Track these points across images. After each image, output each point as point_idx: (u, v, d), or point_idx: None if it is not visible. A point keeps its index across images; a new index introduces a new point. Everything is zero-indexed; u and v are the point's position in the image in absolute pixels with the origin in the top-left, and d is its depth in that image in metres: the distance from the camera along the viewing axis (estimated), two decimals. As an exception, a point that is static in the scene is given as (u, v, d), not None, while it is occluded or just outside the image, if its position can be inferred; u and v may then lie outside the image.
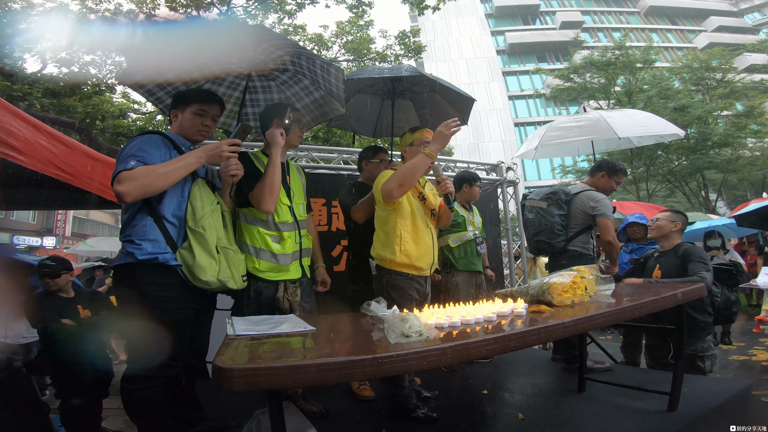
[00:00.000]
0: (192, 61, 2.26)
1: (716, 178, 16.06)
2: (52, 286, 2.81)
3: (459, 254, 3.21)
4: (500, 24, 34.35)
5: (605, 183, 3.04)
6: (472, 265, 3.23)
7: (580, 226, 2.97)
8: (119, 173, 1.53)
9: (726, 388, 2.37)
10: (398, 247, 2.11)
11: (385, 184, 2.05)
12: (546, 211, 2.99)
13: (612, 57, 15.10)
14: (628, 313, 1.48)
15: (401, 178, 2.01)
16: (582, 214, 2.95)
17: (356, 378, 0.88)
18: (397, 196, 2.03)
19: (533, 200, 3.13)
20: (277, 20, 9.11)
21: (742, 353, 4.72)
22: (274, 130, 1.96)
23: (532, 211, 3.08)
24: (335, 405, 2.30)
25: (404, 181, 2.02)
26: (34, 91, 6.96)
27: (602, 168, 3.06)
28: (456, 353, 1.00)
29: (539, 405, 2.34)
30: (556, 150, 4.62)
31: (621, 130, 3.72)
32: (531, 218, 3.09)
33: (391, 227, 2.14)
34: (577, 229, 2.97)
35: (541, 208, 3.01)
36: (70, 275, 2.94)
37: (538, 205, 3.06)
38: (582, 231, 2.97)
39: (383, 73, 2.72)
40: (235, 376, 0.86)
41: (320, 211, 3.63)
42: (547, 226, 2.97)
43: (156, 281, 1.62)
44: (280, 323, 1.39)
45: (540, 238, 3.01)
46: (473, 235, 3.26)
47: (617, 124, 3.75)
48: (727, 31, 30.22)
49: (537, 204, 3.07)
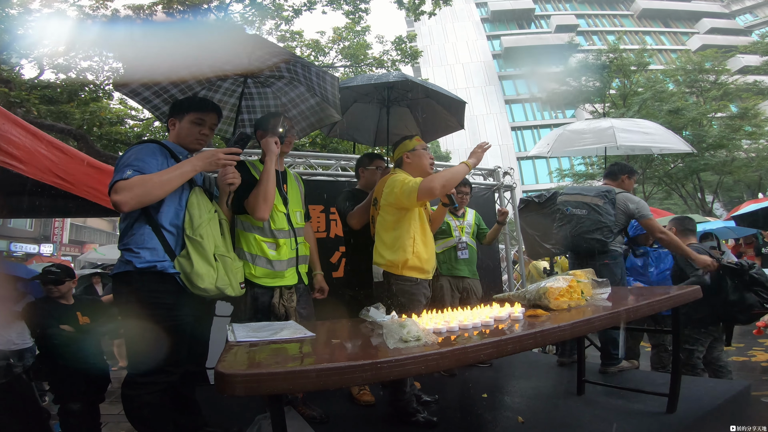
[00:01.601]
0: (187, 67, 2.28)
1: (712, 180, 16.16)
2: (55, 292, 2.84)
3: (442, 259, 3.24)
4: (496, 28, 34.59)
5: (628, 185, 3.16)
6: (455, 270, 3.26)
7: (620, 226, 3.00)
8: (116, 183, 1.54)
9: (725, 390, 2.39)
10: (411, 248, 2.13)
11: (428, 183, 2.05)
12: (602, 208, 2.93)
13: (606, 60, 15.24)
14: (623, 316, 1.50)
15: (447, 180, 2.06)
16: (622, 214, 2.99)
17: (355, 382, 0.89)
18: (438, 194, 2.09)
19: (581, 195, 3.05)
20: (274, 26, 9.15)
21: (742, 354, 4.73)
22: (268, 139, 1.98)
23: (582, 207, 3.00)
24: (335, 410, 2.30)
25: (449, 183, 2.07)
26: (32, 98, 6.95)
27: (624, 171, 3.16)
28: (454, 357, 1.01)
29: (539, 408, 2.35)
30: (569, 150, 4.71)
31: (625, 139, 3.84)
32: (581, 215, 3.00)
33: (404, 230, 2.16)
34: (618, 228, 2.99)
35: (597, 205, 2.95)
36: (72, 283, 2.98)
37: (593, 201, 2.98)
38: (620, 231, 3.03)
39: (371, 81, 2.75)
40: (237, 382, 0.87)
41: (319, 217, 3.64)
42: (605, 224, 2.90)
43: (154, 289, 1.63)
44: (280, 329, 1.40)
45: (595, 236, 2.91)
46: (456, 241, 3.29)
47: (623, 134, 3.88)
48: (719, 33, 30.49)
49: (591, 200, 2.99)
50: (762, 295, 2.74)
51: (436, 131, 3.52)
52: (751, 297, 2.75)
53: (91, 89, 8.31)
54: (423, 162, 2.29)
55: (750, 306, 2.76)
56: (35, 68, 8.17)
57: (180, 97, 2.36)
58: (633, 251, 3.64)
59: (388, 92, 3.15)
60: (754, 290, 2.75)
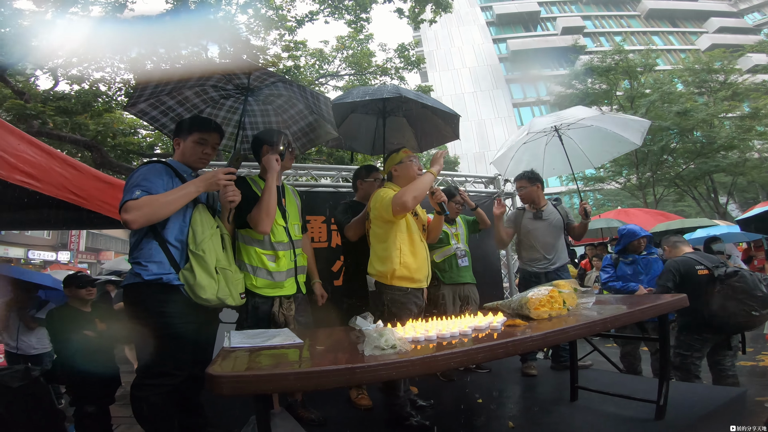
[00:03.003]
0: (191, 88, 2.43)
1: (726, 181, 15.90)
2: (85, 295, 3.08)
3: (443, 268, 3.27)
4: (502, 31, 34.56)
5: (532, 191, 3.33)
6: (458, 277, 3.28)
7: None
8: (126, 203, 1.68)
9: (719, 396, 2.40)
10: (398, 259, 2.21)
11: (399, 197, 2.13)
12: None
13: (612, 62, 15.15)
14: (599, 326, 1.56)
15: (416, 191, 2.13)
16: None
17: (331, 385, 0.98)
18: (411, 207, 2.16)
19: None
20: (278, 36, 9.35)
21: (750, 359, 4.68)
22: (269, 156, 2.10)
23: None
24: (334, 413, 2.40)
25: (418, 194, 2.14)
26: (48, 109, 7.14)
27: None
28: (424, 365, 1.10)
29: (531, 413, 2.40)
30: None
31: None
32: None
33: (391, 242, 2.25)
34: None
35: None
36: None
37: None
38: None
39: (365, 96, 2.82)
40: (224, 383, 0.99)
41: (320, 228, 3.75)
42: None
43: (161, 299, 1.76)
44: (273, 336, 1.51)
45: None
46: (455, 249, 3.31)
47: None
48: (728, 32, 30.02)
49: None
50: (748, 303, 2.68)
51: (433, 141, 3.59)
52: (732, 305, 2.72)
53: (104, 100, 8.57)
54: (410, 173, 2.36)
55: (732, 314, 2.72)
56: (50, 79, 8.45)
57: (186, 115, 2.49)
58: (622, 260, 3.69)
59: (384, 103, 3.23)
60: (738, 298, 2.71)
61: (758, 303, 2.68)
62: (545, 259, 3.20)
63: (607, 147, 3.71)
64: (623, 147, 3.71)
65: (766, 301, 2.69)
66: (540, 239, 3.22)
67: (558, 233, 3.25)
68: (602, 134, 3.61)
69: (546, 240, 3.22)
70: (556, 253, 3.22)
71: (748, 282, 2.71)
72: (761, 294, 2.69)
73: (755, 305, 2.67)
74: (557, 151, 3.64)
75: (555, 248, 3.22)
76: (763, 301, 2.68)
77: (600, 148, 3.73)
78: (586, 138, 3.64)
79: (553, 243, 3.22)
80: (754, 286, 2.70)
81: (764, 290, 2.70)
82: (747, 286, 2.70)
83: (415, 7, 8.20)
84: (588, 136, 3.62)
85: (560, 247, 3.24)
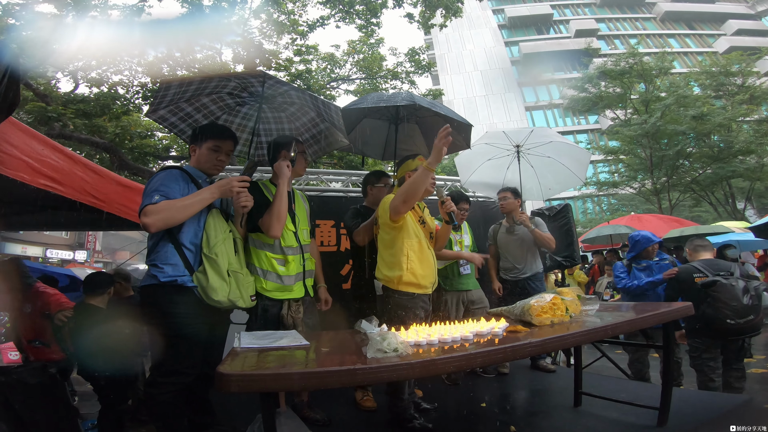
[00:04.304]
0: (208, 95, 2.53)
1: (744, 186, 15.54)
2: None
3: (445, 275, 3.30)
4: (514, 35, 34.36)
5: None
6: (459, 285, 3.30)
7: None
8: (145, 207, 1.76)
9: (722, 403, 2.39)
10: (405, 265, 2.25)
11: (392, 202, 2.21)
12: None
13: (626, 66, 14.95)
14: (599, 334, 1.58)
15: (405, 194, 2.16)
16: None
17: (333, 384, 1.04)
18: (403, 211, 2.20)
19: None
20: (290, 41, 9.49)
21: (762, 366, 4.61)
22: (281, 163, 2.18)
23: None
24: (338, 414, 2.45)
25: (408, 197, 2.16)
26: (68, 112, 7.34)
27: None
28: (422, 368, 1.15)
29: (534, 418, 2.42)
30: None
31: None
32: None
33: (398, 248, 2.29)
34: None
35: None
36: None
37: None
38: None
39: (380, 103, 2.87)
40: (232, 381, 1.06)
41: (330, 232, 3.82)
42: None
43: (175, 300, 1.85)
44: (280, 338, 1.58)
45: None
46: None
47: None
48: (746, 35, 29.32)
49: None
50: (723, 311, 2.80)
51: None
52: (710, 312, 2.84)
53: (122, 103, 8.80)
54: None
55: (710, 321, 2.85)
56: (70, 82, 8.71)
57: (203, 121, 2.59)
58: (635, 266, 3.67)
59: (397, 110, 3.28)
60: (715, 306, 2.83)
61: (733, 312, 2.79)
62: (516, 269, 3.55)
63: (560, 180, 4.05)
64: (571, 182, 4.07)
65: (742, 312, 2.79)
66: (512, 251, 3.58)
67: (529, 246, 3.55)
68: (556, 168, 3.96)
69: (516, 252, 3.57)
70: (526, 263, 3.53)
71: (725, 291, 2.83)
72: (735, 304, 2.79)
73: (730, 314, 2.79)
74: (547, 170, 4.00)
75: (525, 259, 3.54)
76: (738, 311, 2.78)
77: (553, 179, 4.08)
78: (544, 168, 3.98)
79: (522, 255, 3.54)
80: (731, 296, 2.80)
81: (742, 300, 2.79)
82: (723, 296, 2.82)
83: (425, 11, 8.26)
84: (545, 165, 3.97)
85: (530, 258, 3.55)
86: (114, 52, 8.32)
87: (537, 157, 3.89)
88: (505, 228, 3.64)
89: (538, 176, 3.99)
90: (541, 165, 3.94)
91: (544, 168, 3.98)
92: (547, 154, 3.86)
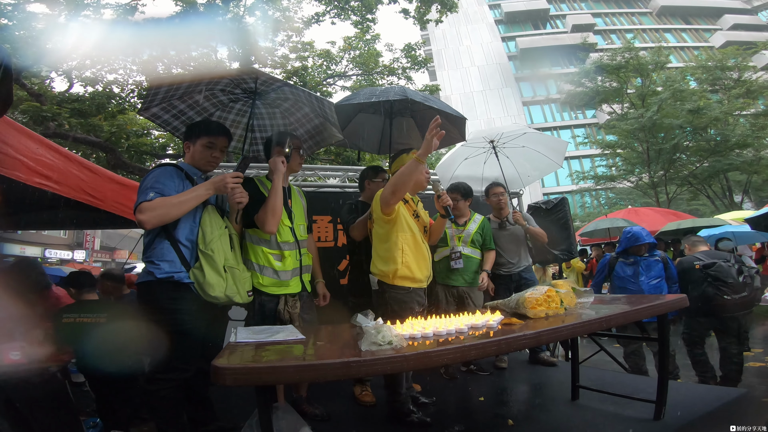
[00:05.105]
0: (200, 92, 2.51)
1: (741, 180, 15.60)
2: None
3: (438, 269, 3.28)
4: (510, 30, 34.29)
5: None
6: (448, 279, 3.27)
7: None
8: (140, 204, 1.76)
9: (719, 396, 2.40)
10: (400, 259, 2.26)
11: (381, 194, 2.22)
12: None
13: (622, 60, 14.96)
14: (593, 326, 1.59)
15: (394, 186, 2.17)
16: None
17: (329, 377, 1.04)
18: (393, 202, 2.20)
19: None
20: (286, 38, 9.45)
21: (759, 360, 4.64)
22: (275, 158, 2.17)
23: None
24: (337, 409, 2.47)
25: (396, 188, 2.16)
26: (63, 111, 7.29)
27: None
28: (417, 361, 1.16)
29: (531, 412, 2.44)
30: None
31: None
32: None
33: (393, 242, 2.29)
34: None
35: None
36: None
37: None
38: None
39: (371, 98, 2.86)
40: (227, 374, 1.06)
41: (327, 227, 3.82)
42: None
43: (172, 296, 1.85)
44: (276, 332, 1.58)
45: None
46: (450, 251, 3.29)
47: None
48: (743, 29, 29.33)
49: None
50: (721, 288, 3.31)
51: (439, 142, 3.63)
52: (710, 291, 3.34)
53: (118, 102, 8.76)
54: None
55: (709, 298, 3.33)
56: (65, 82, 8.65)
57: (197, 118, 2.57)
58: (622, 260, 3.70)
59: (392, 104, 3.26)
60: (714, 285, 3.34)
61: (730, 288, 3.31)
62: (510, 263, 3.55)
63: (554, 146, 4.07)
64: (549, 168, 4.12)
65: (737, 287, 3.31)
66: (504, 247, 3.56)
67: (520, 240, 3.60)
68: (532, 155, 4.01)
69: (510, 247, 3.57)
70: (519, 257, 3.57)
71: (723, 271, 3.33)
72: (732, 281, 3.31)
73: (727, 290, 3.30)
74: (524, 159, 4.02)
75: (518, 254, 3.57)
76: (734, 287, 3.30)
77: (530, 166, 4.11)
78: (520, 157, 4.00)
79: (516, 250, 3.58)
80: (727, 274, 3.31)
81: (737, 278, 3.33)
82: (720, 275, 3.32)
83: (420, 7, 8.23)
84: (521, 155, 4.00)
85: (522, 252, 3.60)
86: (108, 51, 8.28)
87: (512, 149, 3.93)
88: (496, 224, 3.61)
89: (515, 165, 4.01)
90: (517, 155, 3.97)
91: (520, 157, 4.00)
92: (521, 144, 3.91)
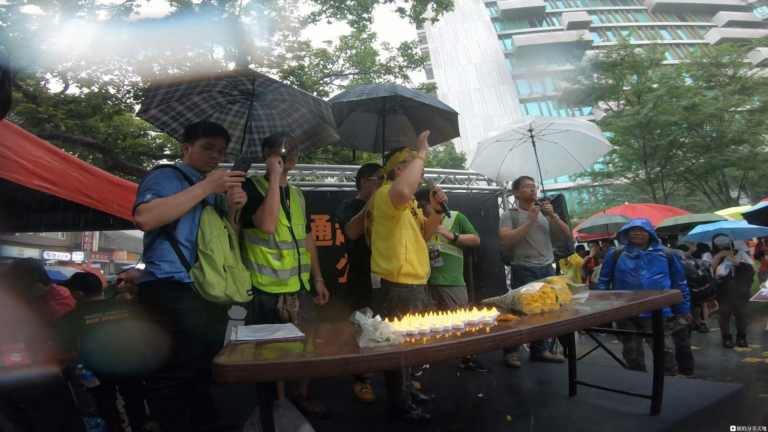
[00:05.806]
0: (198, 94, 2.53)
1: (737, 175, 15.69)
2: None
3: None
4: (507, 27, 34.29)
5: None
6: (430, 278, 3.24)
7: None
8: (138, 206, 1.78)
9: (715, 392, 2.42)
10: (404, 256, 2.26)
11: (395, 188, 2.18)
12: None
13: (618, 57, 15.01)
14: (588, 321, 1.61)
15: (407, 180, 2.16)
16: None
17: (327, 373, 1.07)
18: (408, 196, 2.18)
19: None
20: (282, 37, 9.43)
21: (757, 356, 4.68)
22: (272, 159, 2.19)
23: None
24: (338, 406, 2.50)
25: (411, 183, 2.17)
26: (59, 113, 7.24)
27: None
28: (414, 356, 1.18)
29: (529, 408, 2.45)
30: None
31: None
32: None
33: (396, 239, 2.29)
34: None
35: None
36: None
37: None
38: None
39: (362, 96, 2.86)
40: (228, 371, 1.08)
41: (325, 226, 3.83)
42: None
43: (172, 296, 1.87)
44: (276, 330, 1.61)
45: None
46: (429, 250, 3.15)
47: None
48: (738, 26, 29.41)
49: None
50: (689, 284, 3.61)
51: (433, 138, 3.62)
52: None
53: (114, 102, 8.72)
54: None
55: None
56: (60, 83, 8.59)
57: (195, 120, 2.58)
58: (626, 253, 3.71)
59: (384, 101, 3.27)
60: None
61: (695, 282, 3.92)
62: (541, 255, 3.50)
63: (591, 149, 4.04)
64: (602, 149, 4.07)
65: (701, 281, 4.01)
66: (534, 237, 3.51)
67: (546, 232, 3.57)
68: (559, 152, 3.98)
69: (539, 238, 3.52)
70: (548, 250, 3.54)
71: (688, 268, 3.84)
72: (695, 276, 3.95)
73: (693, 284, 3.82)
74: (549, 155, 3.96)
75: (546, 245, 3.54)
76: (698, 281, 3.97)
77: (552, 163, 4.09)
78: (546, 152, 3.94)
79: (544, 240, 3.54)
80: (690, 271, 3.84)
81: (699, 273, 4.02)
82: (686, 271, 3.68)
83: (416, 5, 8.23)
84: (547, 150, 3.95)
85: (549, 245, 3.58)
86: (103, 52, 8.26)
87: (542, 142, 3.85)
88: (524, 214, 3.54)
89: (538, 158, 3.87)
90: (543, 150, 3.89)
91: (545, 152, 3.92)
92: (554, 141, 3.86)
